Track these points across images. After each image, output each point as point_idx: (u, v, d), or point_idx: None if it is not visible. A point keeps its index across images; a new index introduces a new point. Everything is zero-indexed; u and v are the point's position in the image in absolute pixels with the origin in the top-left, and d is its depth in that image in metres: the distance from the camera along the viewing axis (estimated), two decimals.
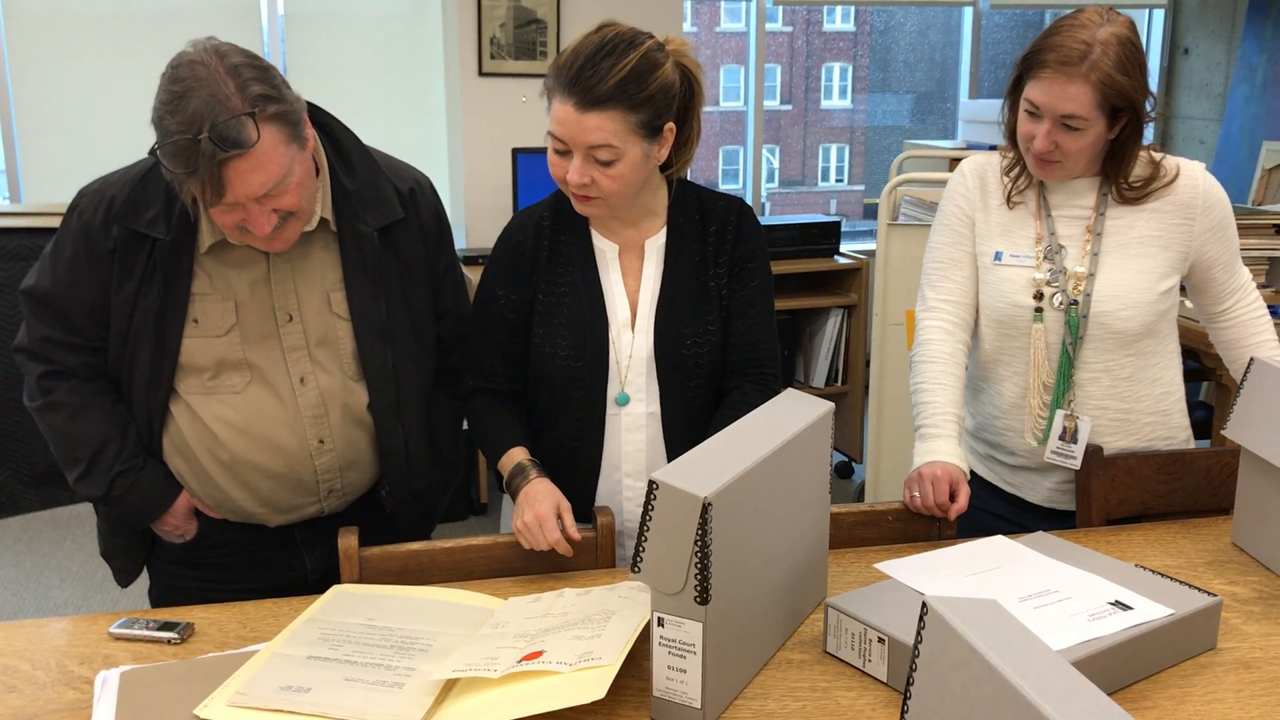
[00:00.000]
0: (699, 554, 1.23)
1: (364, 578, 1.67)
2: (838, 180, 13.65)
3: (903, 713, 1.08)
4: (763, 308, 1.85)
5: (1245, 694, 1.36)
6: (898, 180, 3.35)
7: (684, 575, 1.25)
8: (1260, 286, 3.40)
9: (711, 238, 1.83)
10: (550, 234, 1.83)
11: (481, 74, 4.37)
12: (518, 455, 1.77)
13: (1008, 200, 1.95)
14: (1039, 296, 1.90)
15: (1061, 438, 1.92)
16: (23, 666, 1.44)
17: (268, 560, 1.83)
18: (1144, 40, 6.08)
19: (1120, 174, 1.87)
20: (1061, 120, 1.79)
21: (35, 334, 1.73)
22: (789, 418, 1.48)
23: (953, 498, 1.79)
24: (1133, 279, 1.88)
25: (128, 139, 2.36)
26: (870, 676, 1.40)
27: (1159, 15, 5.74)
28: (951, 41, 6.06)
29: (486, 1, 4.32)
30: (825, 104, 13.79)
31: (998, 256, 1.94)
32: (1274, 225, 3.41)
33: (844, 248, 4.65)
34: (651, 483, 1.25)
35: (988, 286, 1.96)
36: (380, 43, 4.74)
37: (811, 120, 13.77)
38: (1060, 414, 1.91)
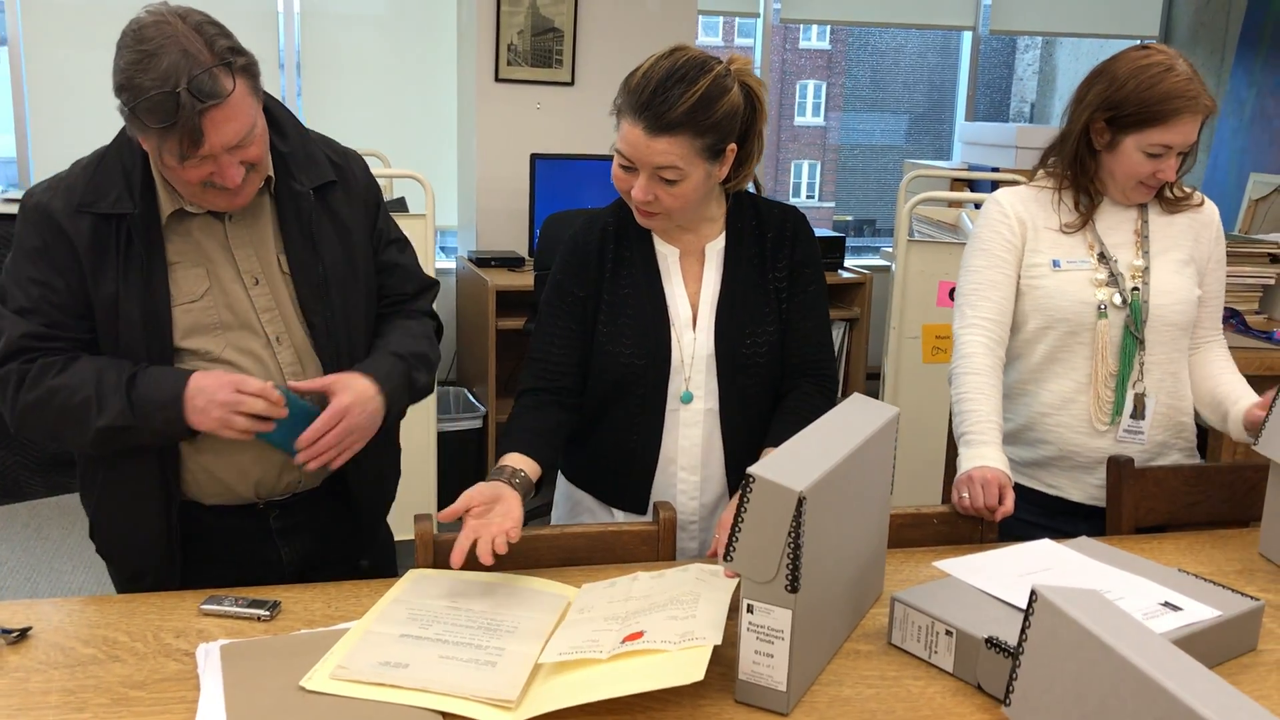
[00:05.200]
0: (792, 545, 1.31)
1: (438, 563, 1.72)
2: (809, 196, 13.78)
3: (1007, 693, 1.16)
4: (820, 312, 1.93)
5: None
6: (919, 199, 3.45)
7: (776, 565, 1.32)
8: (1254, 314, 3.52)
9: (769, 242, 1.90)
10: (615, 239, 1.91)
11: (498, 80, 4.43)
12: (508, 460, 1.76)
13: (1061, 227, 2.07)
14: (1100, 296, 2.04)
15: (1132, 415, 2.04)
16: (121, 638, 1.48)
17: (242, 556, 1.81)
18: None
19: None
20: (1180, 152, 1.98)
21: (14, 333, 1.65)
22: (862, 420, 1.56)
23: (1000, 500, 1.88)
24: (1179, 280, 2.05)
25: None
26: (935, 667, 1.48)
27: None
28: (949, 64, 6.18)
29: (505, 8, 4.39)
30: (799, 120, 13.93)
31: (1055, 264, 2.06)
32: (1269, 254, 3.54)
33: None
34: (748, 476, 1.32)
35: (1048, 292, 2.05)
36: (395, 44, 4.79)
37: (784, 137, 13.92)
38: (1130, 392, 2.03)
